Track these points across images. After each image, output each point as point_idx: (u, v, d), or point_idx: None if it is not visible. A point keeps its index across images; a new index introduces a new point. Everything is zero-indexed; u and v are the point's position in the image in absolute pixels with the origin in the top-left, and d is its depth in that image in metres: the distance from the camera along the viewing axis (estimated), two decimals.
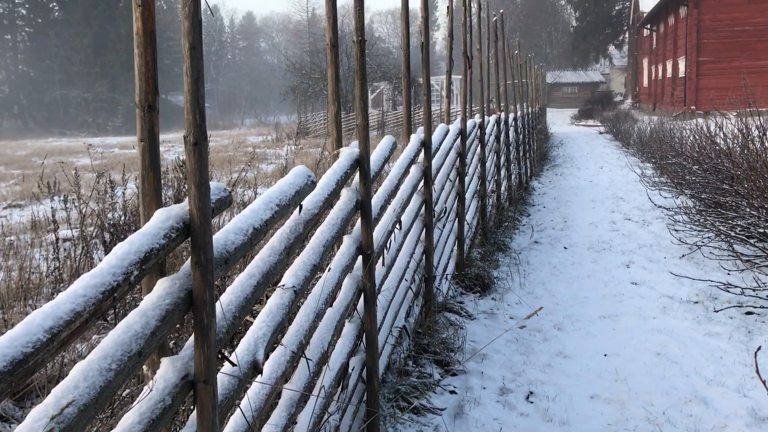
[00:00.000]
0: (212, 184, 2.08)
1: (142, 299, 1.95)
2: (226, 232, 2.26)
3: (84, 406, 1.53)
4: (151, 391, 1.84)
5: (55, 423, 1.45)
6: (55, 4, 67.83)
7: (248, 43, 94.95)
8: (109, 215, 5.87)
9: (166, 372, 1.96)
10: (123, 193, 5.83)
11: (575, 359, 5.09)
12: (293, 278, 2.85)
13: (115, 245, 5.25)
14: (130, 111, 60.35)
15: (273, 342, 2.60)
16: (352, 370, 3.62)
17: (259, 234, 2.40)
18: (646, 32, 45.34)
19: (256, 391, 2.49)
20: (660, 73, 39.24)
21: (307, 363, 2.95)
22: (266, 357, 2.59)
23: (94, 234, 5.83)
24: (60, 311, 1.50)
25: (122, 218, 5.66)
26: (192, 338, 2.10)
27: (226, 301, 2.27)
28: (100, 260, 5.41)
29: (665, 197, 10.71)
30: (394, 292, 4.39)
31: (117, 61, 61.34)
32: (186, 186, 4.35)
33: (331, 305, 3.37)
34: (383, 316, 4.14)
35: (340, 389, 3.48)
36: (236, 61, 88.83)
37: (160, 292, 1.92)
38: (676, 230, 8.58)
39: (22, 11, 67.65)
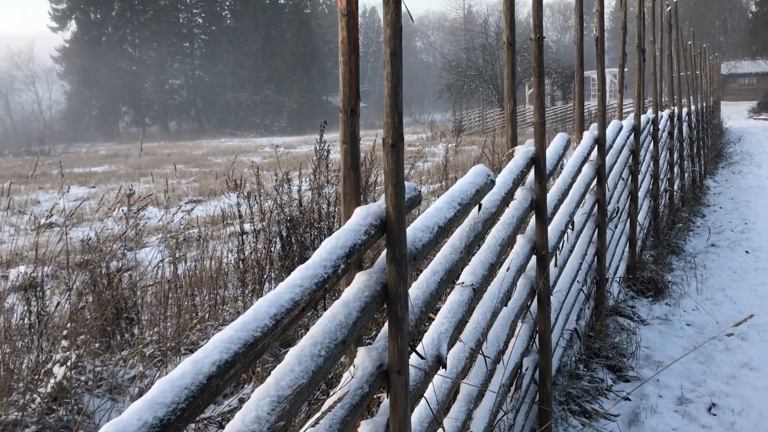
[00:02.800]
0: (405, 183, 2.16)
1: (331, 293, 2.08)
2: (414, 229, 2.34)
3: (300, 389, 1.66)
4: (352, 378, 1.96)
5: (279, 402, 1.59)
6: (227, 12, 72.85)
7: (404, 42, 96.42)
8: (286, 210, 6.22)
9: (363, 361, 2.07)
10: (299, 190, 6.15)
11: (763, 372, 4.72)
12: (471, 276, 2.89)
13: (291, 239, 5.49)
14: (294, 112, 63.57)
15: (454, 338, 2.66)
16: (526, 370, 3.61)
17: (443, 232, 2.46)
18: None
19: (438, 384, 2.55)
20: None
21: (485, 360, 2.98)
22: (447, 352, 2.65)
23: (272, 228, 6.20)
24: (282, 299, 1.64)
25: (299, 214, 5.98)
26: (384, 330, 2.20)
27: (413, 296, 2.35)
28: (278, 254, 5.68)
29: None
30: (566, 294, 4.31)
31: (283, 65, 64.72)
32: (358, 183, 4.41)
33: (506, 304, 3.38)
34: (555, 318, 4.08)
35: (513, 389, 3.48)
36: None
37: (359, 285, 2.03)
38: None
39: (199, 20, 73.31)
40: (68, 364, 3.53)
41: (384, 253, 2.16)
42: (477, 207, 2.91)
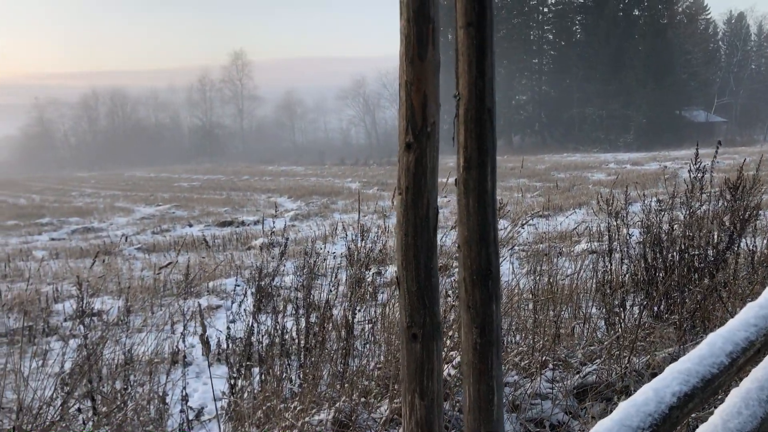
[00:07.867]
0: None
1: None
2: None
3: None
4: None
5: None
6: (578, 27, 72.47)
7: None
8: (654, 231, 5.92)
9: None
10: (670, 210, 5.81)
11: None
12: None
13: (656, 263, 5.12)
14: (642, 128, 60.65)
15: None
16: None
17: None
18: None
19: None
20: None
21: None
22: None
23: (631, 251, 5.95)
24: (736, 337, 1.55)
25: (667, 237, 5.65)
26: None
27: None
28: (640, 277, 5.36)
29: None
30: None
31: (633, 78, 62.22)
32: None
33: None
34: None
35: None
36: (760, 70, 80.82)
37: None
38: None
39: (549, 36, 74.26)
40: (453, 363, 3.83)
41: None
42: None
